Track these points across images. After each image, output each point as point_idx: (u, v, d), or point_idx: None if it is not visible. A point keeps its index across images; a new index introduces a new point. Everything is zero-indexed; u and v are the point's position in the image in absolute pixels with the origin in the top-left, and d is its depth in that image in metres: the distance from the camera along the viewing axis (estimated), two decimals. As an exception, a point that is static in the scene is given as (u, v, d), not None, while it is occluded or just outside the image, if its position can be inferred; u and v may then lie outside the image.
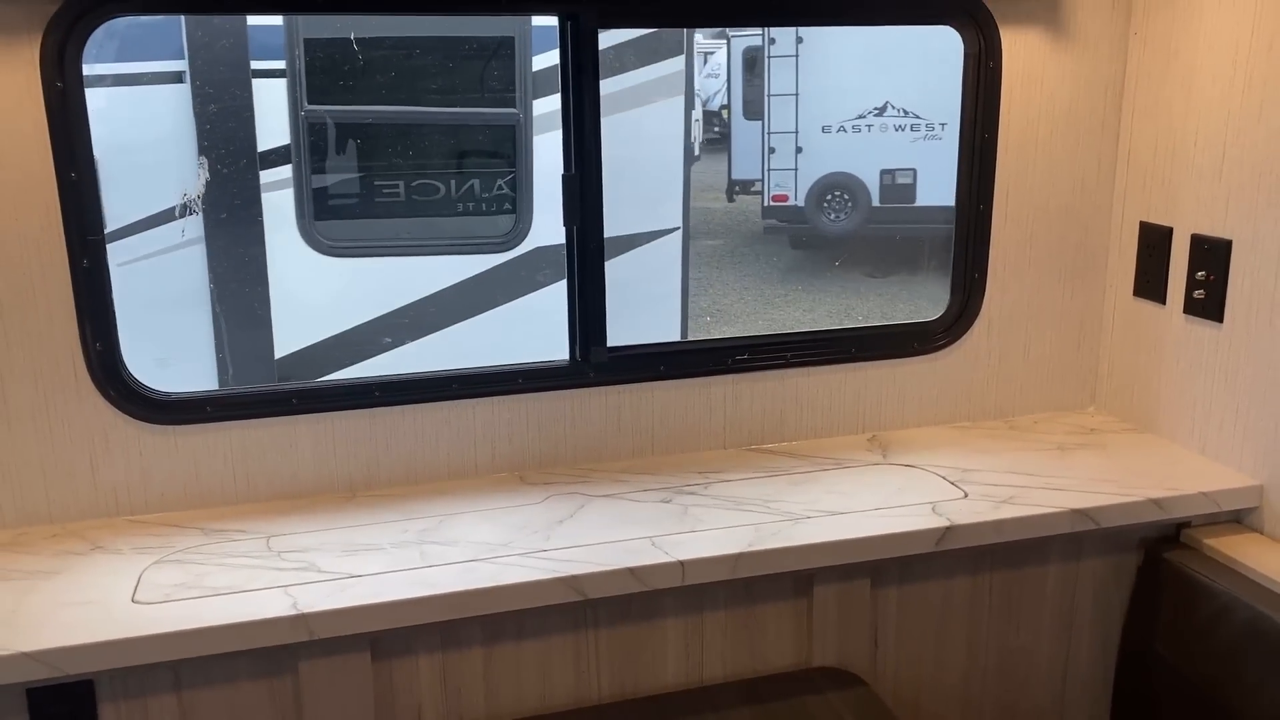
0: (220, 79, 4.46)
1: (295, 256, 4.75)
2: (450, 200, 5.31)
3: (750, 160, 15.72)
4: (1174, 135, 2.44)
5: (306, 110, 4.73)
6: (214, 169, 4.44)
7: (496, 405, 2.39)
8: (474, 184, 5.36)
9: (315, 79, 4.71)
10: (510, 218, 5.07)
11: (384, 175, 5.29)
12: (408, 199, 5.31)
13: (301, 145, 4.73)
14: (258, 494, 2.28)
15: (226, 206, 4.53)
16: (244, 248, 4.57)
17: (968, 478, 2.35)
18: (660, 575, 2.00)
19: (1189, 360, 2.46)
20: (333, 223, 4.93)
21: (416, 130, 5.01)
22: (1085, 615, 2.40)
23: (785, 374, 2.55)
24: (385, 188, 5.37)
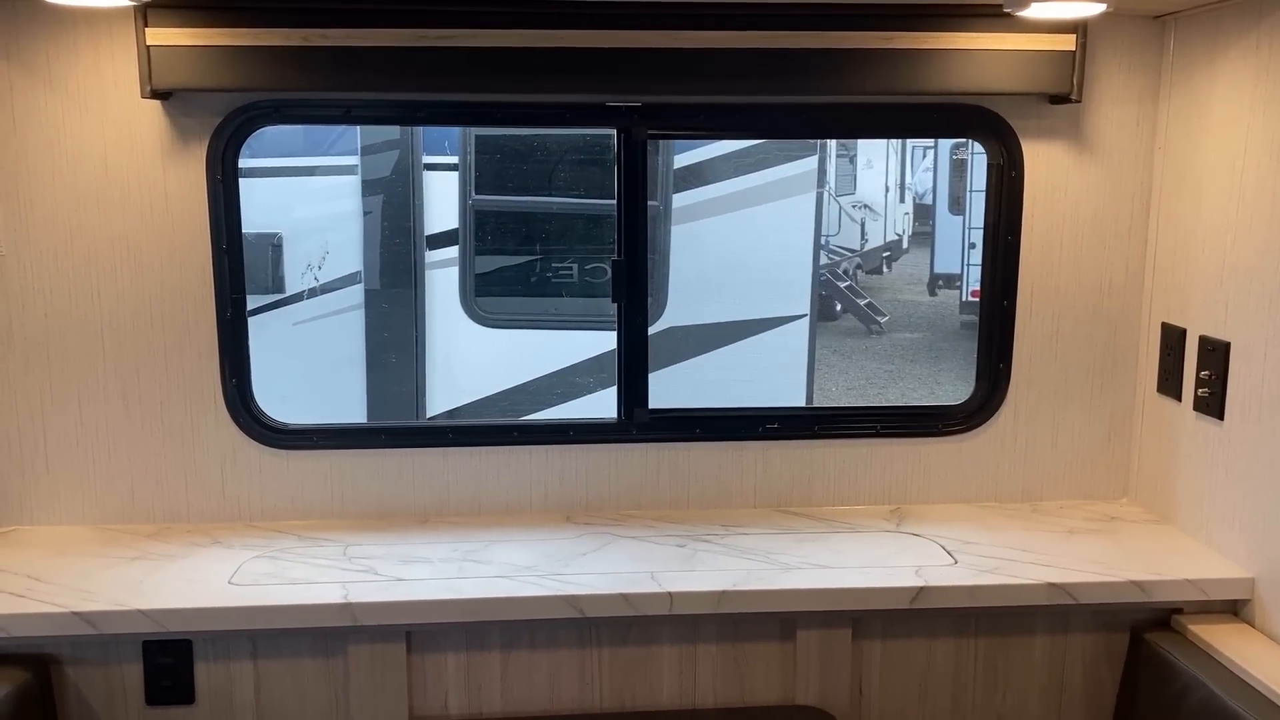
0: (388, 173, 5.18)
1: (455, 326, 5.36)
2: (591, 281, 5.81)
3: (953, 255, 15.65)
4: (1189, 242, 2.59)
5: (474, 199, 5.39)
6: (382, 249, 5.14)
7: (550, 453, 2.78)
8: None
9: (483, 173, 5.37)
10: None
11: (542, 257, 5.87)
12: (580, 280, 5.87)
13: (468, 230, 5.38)
14: (347, 511, 2.76)
15: (389, 281, 5.22)
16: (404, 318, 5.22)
17: (965, 549, 2.54)
18: (650, 603, 2.32)
19: (1198, 455, 2.56)
20: (490, 298, 5.54)
21: (569, 218, 5.58)
22: (1076, 690, 2.52)
23: (813, 444, 2.82)
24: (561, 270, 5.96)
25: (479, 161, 5.33)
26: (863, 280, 17.81)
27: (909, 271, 20.03)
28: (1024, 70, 2.59)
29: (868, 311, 15.42)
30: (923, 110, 2.71)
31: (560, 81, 2.57)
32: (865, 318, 15.26)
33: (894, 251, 20.41)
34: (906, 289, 19.00)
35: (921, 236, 21.00)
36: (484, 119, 2.68)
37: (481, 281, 5.46)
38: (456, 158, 5.30)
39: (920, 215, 21.62)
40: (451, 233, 5.35)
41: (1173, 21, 2.64)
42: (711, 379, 4.95)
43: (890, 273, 20.06)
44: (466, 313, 5.40)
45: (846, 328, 15.16)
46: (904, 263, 20.60)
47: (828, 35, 2.54)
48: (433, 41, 2.48)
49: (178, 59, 2.44)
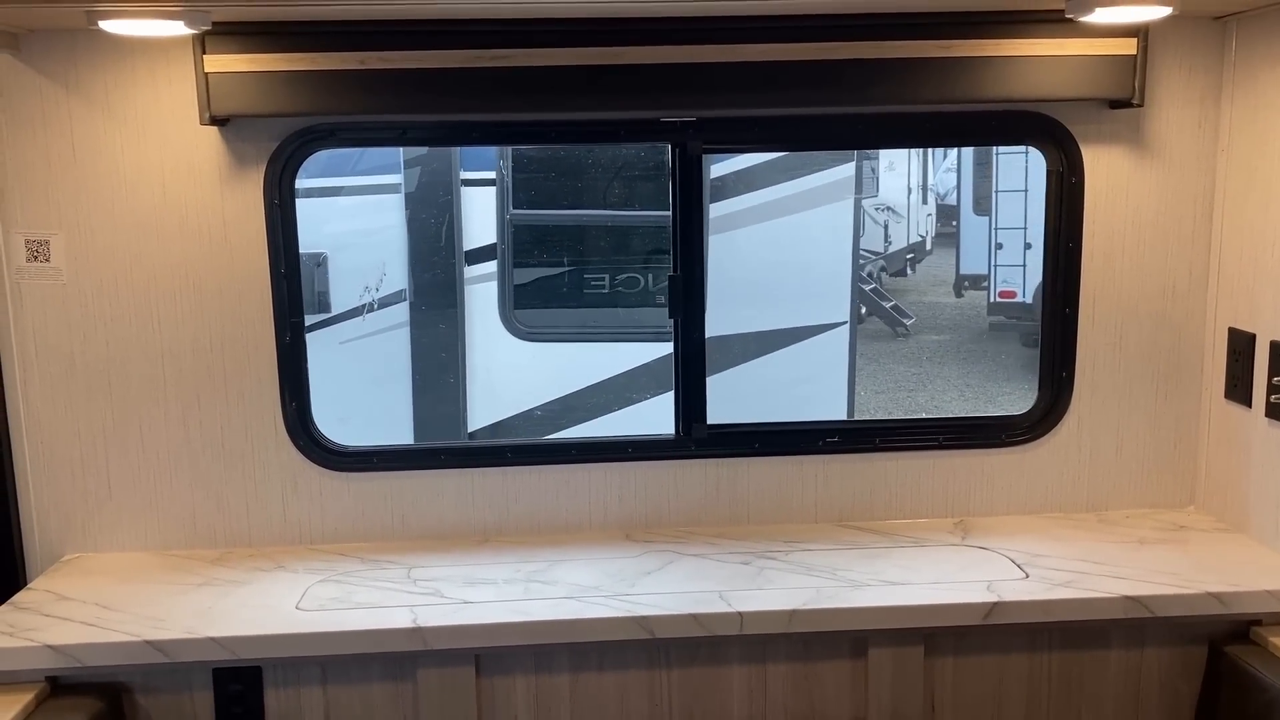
0: (430, 190, 5.19)
1: (495, 340, 5.36)
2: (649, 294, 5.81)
3: (978, 256, 15.56)
4: (1257, 246, 2.55)
5: (512, 214, 5.39)
6: (422, 265, 5.16)
7: (609, 470, 2.77)
8: (649, 278, 5.84)
9: (520, 187, 5.38)
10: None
11: (585, 270, 5.88)
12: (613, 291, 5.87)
13: (506, 244, 5.38)
14: (409, 532, 2.75)
15: (431, 297, 5.23)
16: (445, 333, 5.24)
17: (1035, 561, 2.51)
18: (721, 623, 2.29)
19: (1272, 462, 2.52)
20: (529, 311, 5.54)
21: (605, 231, 5.57)
22: (1153, 706, 2.47)
23: (873, 457, 2.79)
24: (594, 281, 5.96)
25: (516, 176, 5.33)
26: (887, 283, 17.74)
27: (933, 273, 19.90)
28: (1084, 75, 2.55)
29: (893, 314, 15.35)
30: (980, 118, 2.68)
31: (614, 98, 2.56)
32: (891, 320, 15.19)
33: (917, 253, 20.32)
34: (931, 291, 18.89)
35: (944, 238, 20.90)
36: (538, 137, 2.68)
37: (520, 295, 5.45)
38: (493, 173, 5.30)
39: (943, 216, 21.52)
40: (490, 248, 5.35)
41: (1234, 22, 2.60)
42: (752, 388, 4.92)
43: (914, 275, 19.96)
44: (506, 327, 5.40)
45: (872, 331, 15.08)
46: (927, 264, 20.49)
47: (883, 45, 2.51)
48: (488, 62, 2.48)
49: (236, 85, 2.45)
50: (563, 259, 5.60)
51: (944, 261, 19.31)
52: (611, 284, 6.03)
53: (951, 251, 18.53)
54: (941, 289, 18.45)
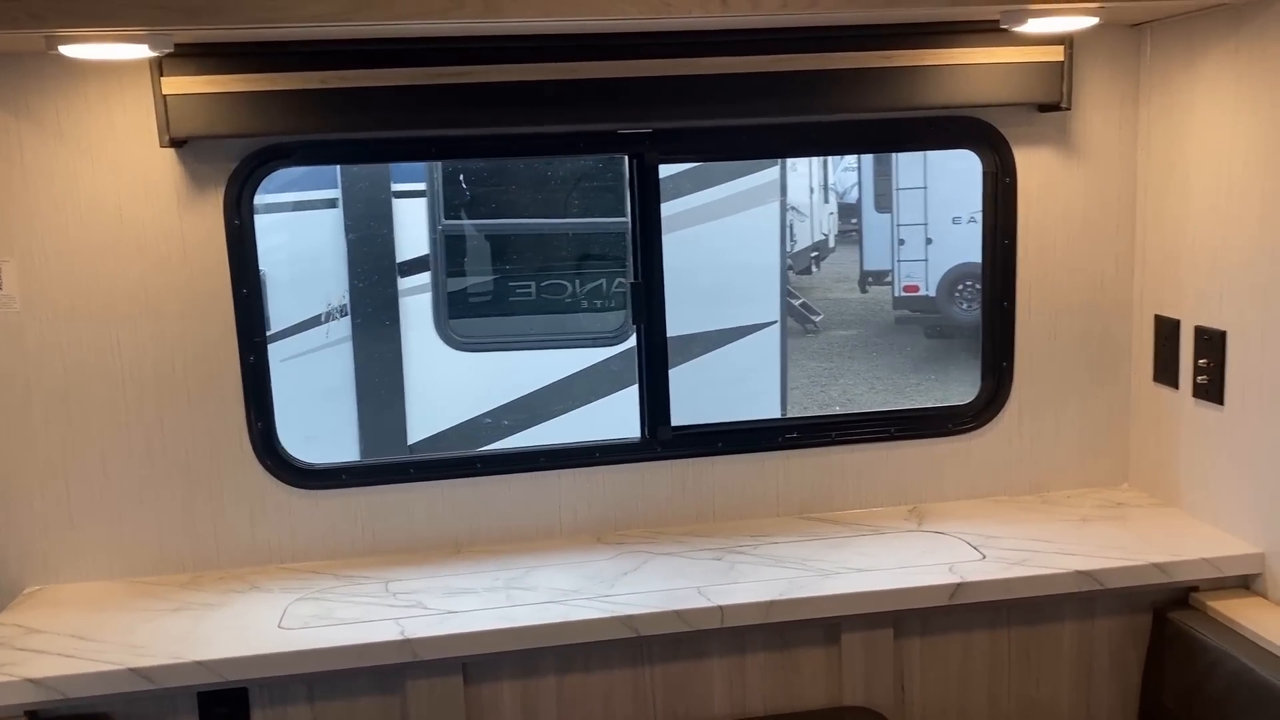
0: (365, 204, 5.18)
1: (431, 352, 5.37)
2: (578, 300, 5.88)
3: (882, 251, 15.99)
4: (1177, 237, 2.74)
5: (443, 224, 5.40)
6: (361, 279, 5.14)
7: (577, 476, 2.82)
8: (585, 285, 5.92)
9: (451, 197, 5.39)
10: (621, 314, 5.58)
11: (511, 278, 5.92)
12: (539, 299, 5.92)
13: (438, 254, 5.39)
14: (381, 547, 2.77)
15: (369, 310, 5.21)
16: (384, 346, 5.23)
17: (989, 543, 2.65)
18: (702, 617, 2.37)
19: (1200, 440, 2.70)
20: (464, 321, 5.55)
21: (538, 239, 5.62)
22: (1104, 672, 2.63)
23: (830, 451, 2.91)
24: (519, 289, 6.01)
25: (446, 187, 5.34)
26: (794, 280, 18.08)
27: (837, 270, 20.37)
28: (1016, 82, 2.71)
29: (803, 311, 15.68)
30: (921, 124, 2.82)
31: (573, 112, 2.62)
32: (801, 317, 15.50)
33: (821, 251, 20.78)
34: (836, 287, 19.34)
35: (844, 235, 21.42)
36: (500, 151, 2.72)
37: (454, 306, 5.46)
38: (424, 184, 5.30)
39: (843, 214, 22.05)
40: (423, 259, 5.35)
41: (1148, 29, 2.78)
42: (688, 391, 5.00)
43: (819, 272, 20.41)
44: (441, 337, 5.40)
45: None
46: (831, 261, 20.97)
47: (830, 57, 2.62)
48: (450, 79, 2.51)
49: (196, 107, 2.44)
50: (495, 268, 5.62)
51: (846, 258, 19.78)
52: (538, 291, 6.09)
53: (853, 249, 19.01)
54: (846, 285, 18.91)
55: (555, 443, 2.84)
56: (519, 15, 2.15)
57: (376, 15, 2.12)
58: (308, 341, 4.98)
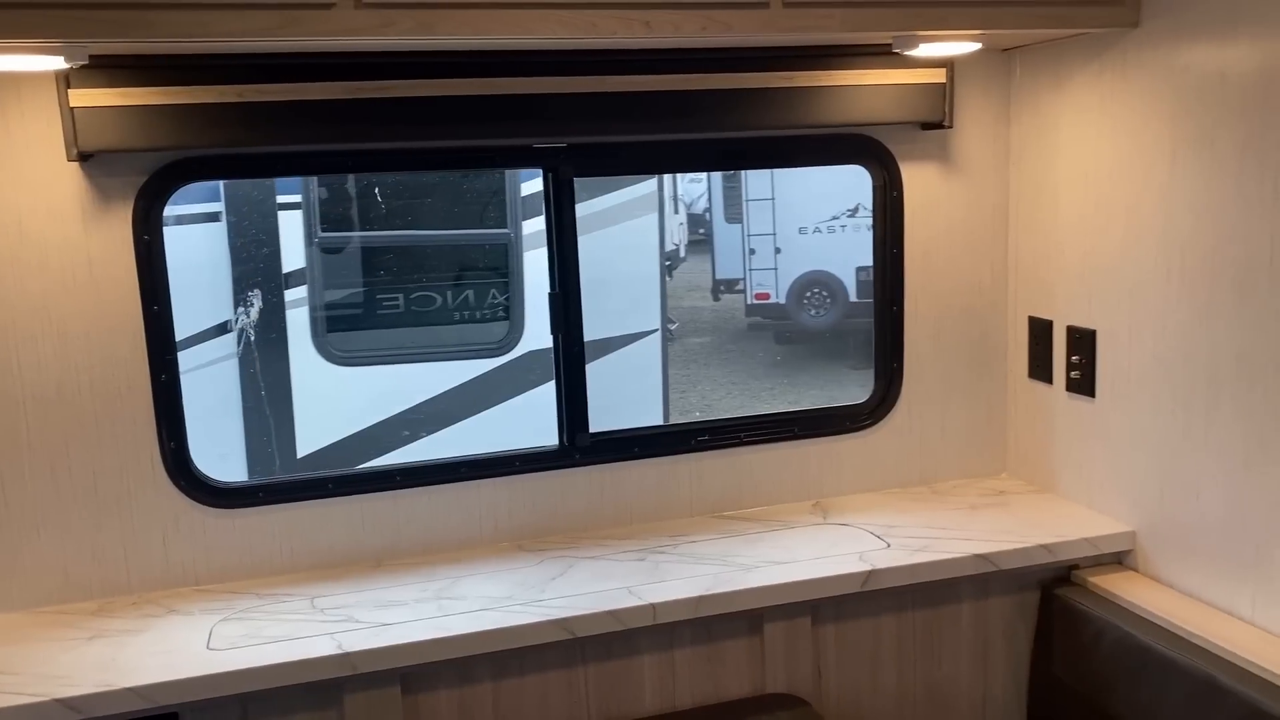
0: (250, 215, 5.05)
1: (312, 367, 5.27)
2: (449, 312, 5.88)
3: (733, 261, 16.43)
4: (1048, 245, 2.99)
5: (320, 237, 5.31)
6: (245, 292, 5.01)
7: (498, 485, 2.86)
8: (468, 296, 5.93)
9: (327, 210, 5.31)
10: (504, 325, 5.61)
11: (387, 292, 5.87)
12: (409, 311, 5.89)
13: (315, 268, 5.30)
14: (299, 565, 2.74)
15: (257, 326, 5.08)
16: (272, 361, 5.11)
17: (891, 532, 2.83)
18: (636, 616, 2.46)
19: (1073, 431, 2.96)
20: (342, 335, 5.48)
21: (419, 251, 5.59)
22: (998, 648, 2.85)
23: (740, 451, 3.04)
24: (386, 301, 5.96)
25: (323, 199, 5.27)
26: (650, 290, 18.26)
27: (688, 279, 20.78)
28: (903, 102, 2.90)
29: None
30: (817, 140, 2.98)
31: (490, 126, 2.67)
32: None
33: (673, 261, 21.14)
34: (688, 296, 19.73)
35: (695, 245, 21.88)
36: (416, 165, 2.74)
37: (332, 320, 5.38)
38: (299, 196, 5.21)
39: (692, 225, 22.51)
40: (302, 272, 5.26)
41: (1017, 54, 3.03)
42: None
43: (672, 281, 20.75)
44: (320, 353, 5.30)
45: (641, 336, 15.56)
46: (683, 271, 21.38)
47: (736, 76, 2.76)
48: (370, 93, 2.53)
49: (107, 120, 2.38)
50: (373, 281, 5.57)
51: (696, 267, 20.21)
52: (406, 304, 6.05)
53: (702, 258, 19.44)
54: (698, 294, 19.31)
55: (475, 453, 2.86)
56: (451, 34, 2.19)
57: (306, 31, 2.12)
58: (195, 358, 4.81)
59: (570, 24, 2.23)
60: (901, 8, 2.41)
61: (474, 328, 5.64)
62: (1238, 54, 2.31)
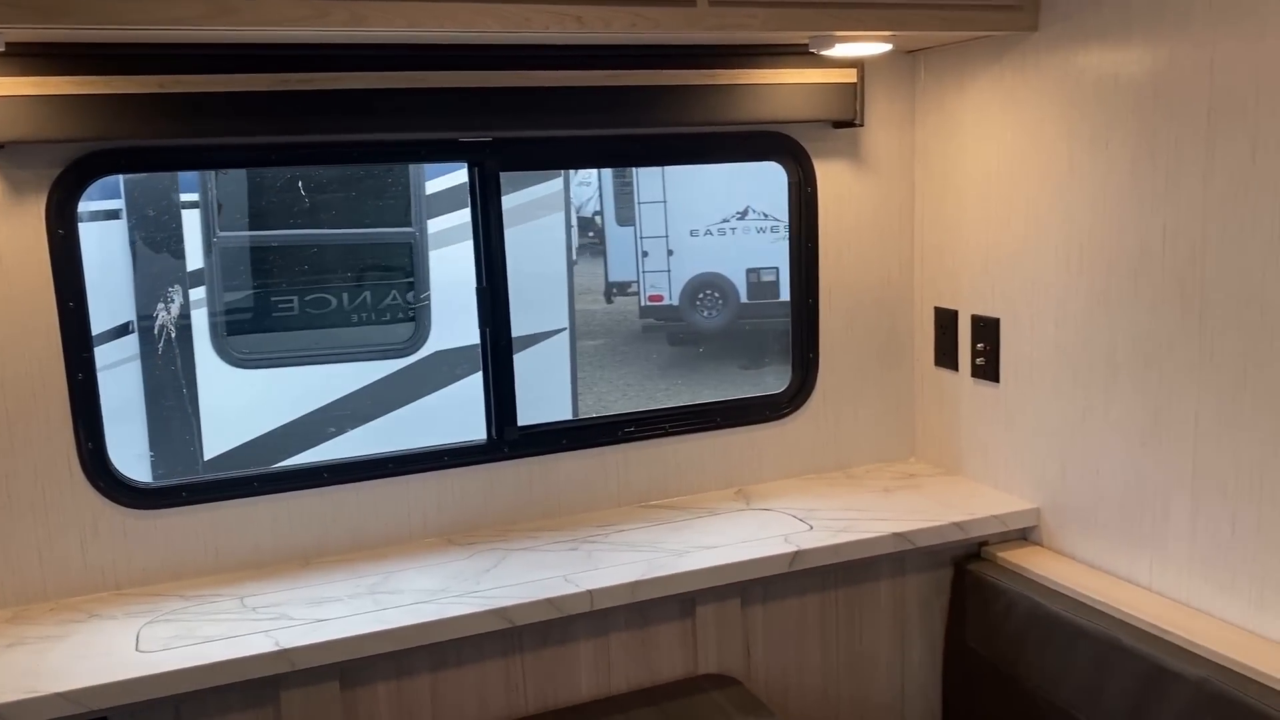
0: (151, 214, 4.89)
1: (214, 369, 5.14)
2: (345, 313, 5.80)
3: (625, 263, 16.53)
4: (952, 239, 3.14)
5: (219, 236, 5.18)
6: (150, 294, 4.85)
7: (426, 480, 2.86)
8: (367, 297, 5.86)
9: (227, 209, 5.19)
10: (410, 325, 5.57)
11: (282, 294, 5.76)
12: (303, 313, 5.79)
13: (214, 269, 5.17)
14: (225, 565, 2.69)
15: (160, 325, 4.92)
16: (176, 362, 4.96)
17: (812, 515, 2.93)
18: (573, 603, 2.49)
19: (979, 415, 3.11)
20: (243, 337, 5.35)
21: (324, 250, 5.51)
22: (914, 622, 2.98)
23: (665, 442, 3.10)
24: (281, 303, 5.84)
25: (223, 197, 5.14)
26: (542, 293, 18.22)
27: (580, 282, 20.70)
28: (817, 100, 3.01)
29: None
30: (735, 137, 3.07)
31: (416, 120, 2.67)
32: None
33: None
34: (581, 299, 19.69)
35: (585, 248, 21.93)
36: (341, 158, 2.71)
37: (232, 322, 5.25)
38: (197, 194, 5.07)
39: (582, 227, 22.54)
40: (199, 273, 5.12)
41: (922, 56, 3.18)
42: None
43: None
44: (220, 355, 5.17)
45: (533, 339, 15.53)
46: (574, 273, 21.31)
47: (660, 74, 2.82)
48: (294, 85, 2.51)
49: (19, 110, 2.30)
50: (276, 281, 5.45)
51: (587, 270, 20.24)
52: (301, 305, 5.95)
53: (592, 261, 19.49)
54: (590, 296, 19.33)
55: (403, 448, 2.86)
56: (384, 26, 2.20)
57: (237, 21, 2.10)
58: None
59: (505, 18, 2.26)
60: (819, 8, 2.51)
61: (379, 328, 5.58)
62: (1130, 58, 2.48)
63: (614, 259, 17.65)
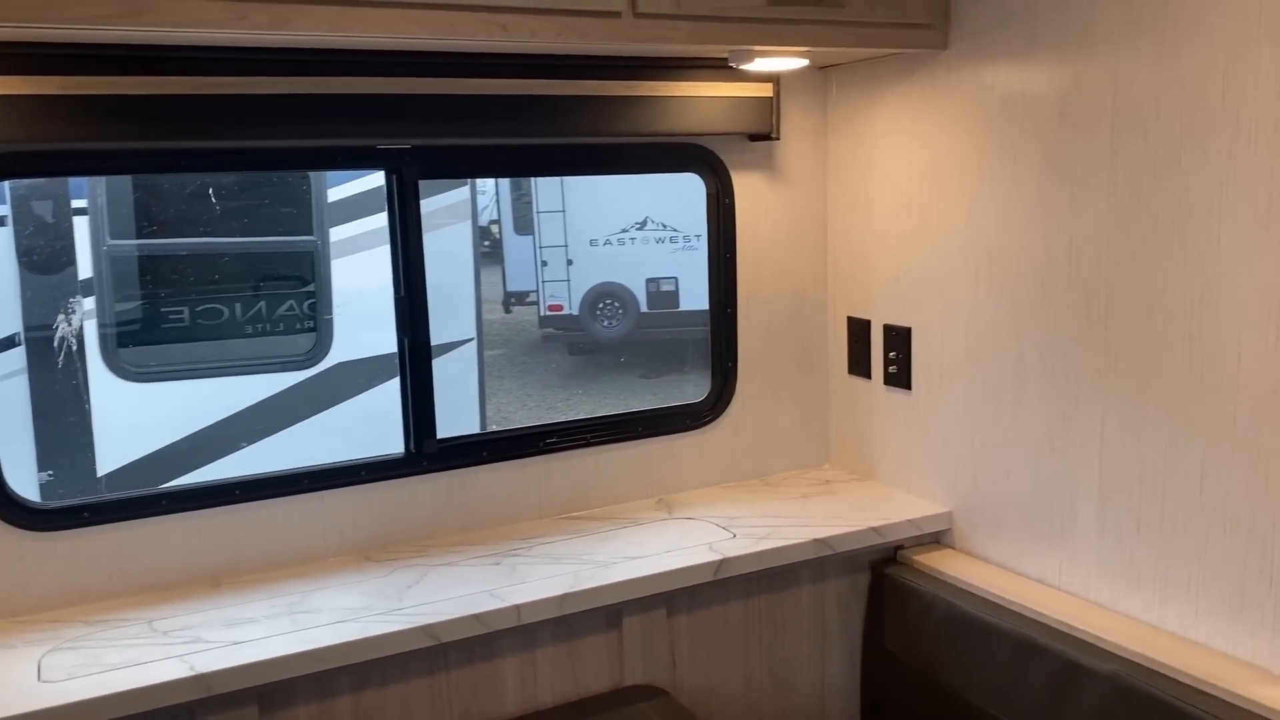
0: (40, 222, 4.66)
1: (106, 383, 4.91)
2: (247, 323, 5.63)
3: (524, 273, 16.45)
4: (864, 250, 3.21)
5: (109, 245, 4.96)
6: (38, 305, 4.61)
7: (342, 495, 2.79)
8: (262, 308, 5.71)
9: (117, 216, 4.97)
10: (311, 336, 5.43)
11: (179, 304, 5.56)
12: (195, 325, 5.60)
13: (103, 278, 4.95)
14: (131, 588, 2.57)
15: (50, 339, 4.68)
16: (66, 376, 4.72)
17: (734, 523, 2.95)
18: (500, 618, 2.46)
19: (891, 421, 3.18)
20: (133, 350, 5.14)
21: (220, 259, 5.33)
22: (834, 627, 3.03)
23: (586, 452, 3.09)
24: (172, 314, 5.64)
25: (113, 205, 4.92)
26: (435, 303, 18.00)
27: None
28: (735, 114, 3.05)
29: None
30: (654, 149, 3.08)
31: (332, 126, 2.61)
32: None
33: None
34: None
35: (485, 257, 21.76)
36: (255, 164, 2.62)
37: (122, 335, 5.04)
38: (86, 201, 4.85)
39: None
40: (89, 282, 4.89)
41: (833, 72, 3.25)
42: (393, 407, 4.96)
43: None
44: (110, 369, 4.94)
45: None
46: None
47: (581, 84, 2.82)
48: (207, 89, 2.42)
49: (-90, 109, 2.17)
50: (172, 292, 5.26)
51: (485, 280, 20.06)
52: (192, 316, 5.76)
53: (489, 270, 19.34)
54: (487, 306, 19.14)
55: (319, 464, 2.78)
56: (307, 30, 2.14)
57: (149, 22, 2.02)
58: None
59: (430, 24, 2.23)
60: (743, 23, 2.54)
61: (278, 340, 5.42)
62: (1037, 76, 2.58)
63: (512, 268, 17.55)
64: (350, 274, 5.34)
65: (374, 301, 5.34)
